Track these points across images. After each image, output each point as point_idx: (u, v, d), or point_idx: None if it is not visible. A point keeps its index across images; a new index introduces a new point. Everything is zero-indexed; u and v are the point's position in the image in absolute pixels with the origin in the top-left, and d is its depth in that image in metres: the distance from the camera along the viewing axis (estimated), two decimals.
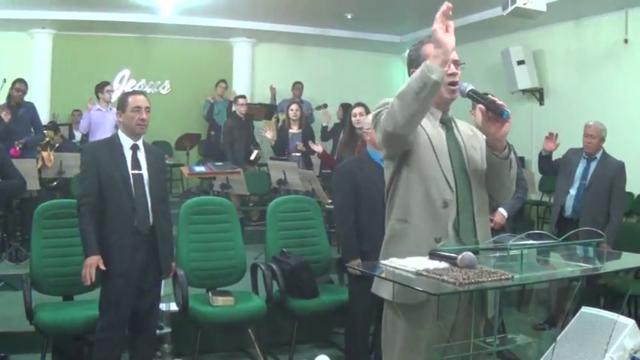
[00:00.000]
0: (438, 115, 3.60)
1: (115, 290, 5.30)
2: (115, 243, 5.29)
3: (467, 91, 3.39)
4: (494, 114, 3.30)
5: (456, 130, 3.66)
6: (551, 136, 8.02)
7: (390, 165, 3.60)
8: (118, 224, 5.31)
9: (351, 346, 6.35)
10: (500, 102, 3.32)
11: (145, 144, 5.60)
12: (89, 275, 5.17)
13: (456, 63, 3.53)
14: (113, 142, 5.50)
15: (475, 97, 3.36)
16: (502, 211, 6.98)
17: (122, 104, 5.49)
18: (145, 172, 5.47)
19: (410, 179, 3.49)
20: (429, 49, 3.36)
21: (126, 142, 5.46)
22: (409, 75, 3.50)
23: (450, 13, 3.13)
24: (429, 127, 3.52)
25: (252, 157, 12.76)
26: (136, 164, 5.45)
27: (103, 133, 10.69)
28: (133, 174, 5.40)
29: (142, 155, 5.51)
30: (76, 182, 5.57)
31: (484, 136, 3.48)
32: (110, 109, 11.57)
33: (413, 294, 3.20)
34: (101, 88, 11.94)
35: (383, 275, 3.16)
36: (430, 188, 3.44)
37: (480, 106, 3.34)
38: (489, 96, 3.36)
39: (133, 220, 5.35)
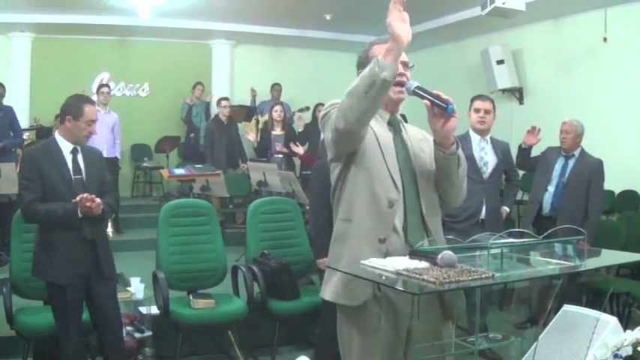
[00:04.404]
0: (386, 116, 3.56)
1: (63, 301, 5.21)
2: (60, 251, 5.19)
3: (412, 88, 3.33)
4: (439, 109, 3.26)
5: (404, 133, 3.61)
6: (533, 130, 8.01)
7: (337, 166, 3.52)
8: (63, 232, 5.19)
9: (324, 349, 6.29)
10: (446, 97, 3.26)
11: (81, 146, 5.45)
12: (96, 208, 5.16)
13: (405, 64, 3.46)
14: (52, 147, 5.30)
15: (420, 93, 3.31)
16: (505, 208, 7.14)
17: (76, 111, 5.27)
18: (84, 175, 5.33)
19: (356, 178, 3.43)
20: (378, 50, 3.32)
21: (65, 146, 5.29)
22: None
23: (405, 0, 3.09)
24: (377, 127, 3.46)
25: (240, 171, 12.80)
26: (77, 169, 5.30)
27: (99, 136, 10.43)
28: (75, 179, 5.27)
29: (80, 158, 5.35)
30: (19, 189, 5.29)
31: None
32: (109, 111, 11.57)
33: (350, 295, 3.28)
34: (99, 89, 12.00)
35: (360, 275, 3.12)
36: (375, 187, 3.38)
37: (426, 102, 3.29)
38: (435, 92, 3.31)
39: (81, 228, 5.24)
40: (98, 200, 5.17)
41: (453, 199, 3.66)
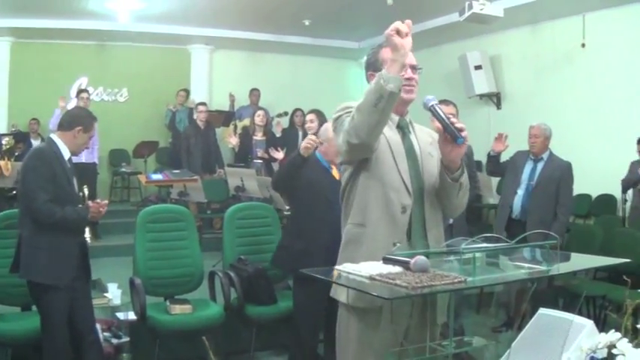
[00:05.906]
0: (395, 119, 3.59)
1: (59, 304, 5.20)
2: (63, 253, 5.20)
3: (429, 105, 3.35)
4: (450, 135, 3.30)
5: (413, 136, 3.65)
6: (500, 137, 8.06)
7: (348, 168, 3.58)
8: (68, 235, 5.24)
9: (298, 354, 6.27)
10: (460, 125, 3.31)
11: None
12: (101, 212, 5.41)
13: (413, 67, 3.53)
14: (56, 150, 5.32)
15: (436, 113, 3.33)
16: None
17: (88, 125, 5.44)
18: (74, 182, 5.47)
19: (368, 183, 3.47)
20: (386, 53, 3.33)
21: (65, 152, 5.35)
22: (367, 79, 3.54)
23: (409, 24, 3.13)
24: (387, 131, 3.49)
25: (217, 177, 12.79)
26: (72, 176, 5.41)
27: None
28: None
29: None
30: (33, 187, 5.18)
31: None
32: None
33: (370, 298, 3.21)
34: (79, 94, 12.03)
35: (335, 279, 3.13)
36: (389, 193, 3.42)
37: (438, 124, 3.33)
38: (451, 118, 3.34)
39: (83, 232, 5.46)
40: (106, 206, 5.43)
41: (449, 214, 3.76)
